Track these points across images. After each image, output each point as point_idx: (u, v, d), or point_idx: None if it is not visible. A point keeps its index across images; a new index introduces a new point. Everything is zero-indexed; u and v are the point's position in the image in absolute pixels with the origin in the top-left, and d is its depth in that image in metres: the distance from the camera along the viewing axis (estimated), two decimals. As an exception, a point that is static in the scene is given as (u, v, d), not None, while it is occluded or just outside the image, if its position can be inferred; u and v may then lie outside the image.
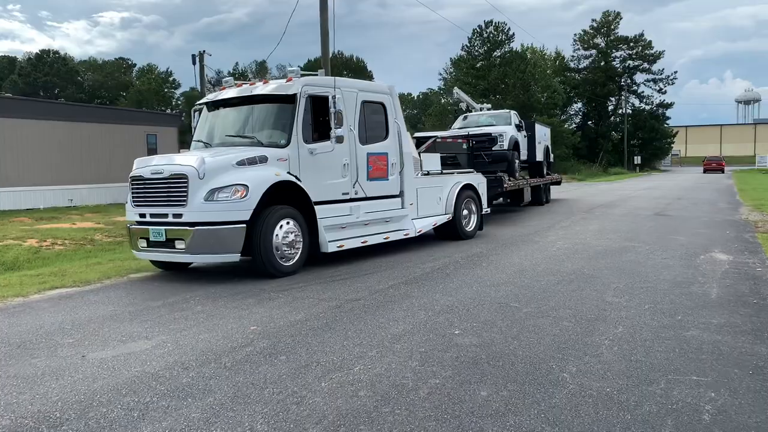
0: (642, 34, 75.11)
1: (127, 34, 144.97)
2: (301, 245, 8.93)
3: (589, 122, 77.04)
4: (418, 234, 11.40)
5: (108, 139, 26.80)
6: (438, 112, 74.36)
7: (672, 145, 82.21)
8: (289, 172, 8.86)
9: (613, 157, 74.37)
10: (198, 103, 10.88)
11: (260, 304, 7.08)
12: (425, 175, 12.01)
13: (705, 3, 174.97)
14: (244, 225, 8.20)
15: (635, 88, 76.28)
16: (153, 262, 9.54)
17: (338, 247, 9.55)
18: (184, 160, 8.58)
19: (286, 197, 8.81)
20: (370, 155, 10.35)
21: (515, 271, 8.81)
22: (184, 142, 24.88)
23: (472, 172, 13.82)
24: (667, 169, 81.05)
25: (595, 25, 75.81)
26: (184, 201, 8.24)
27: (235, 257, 8.44)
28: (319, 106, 9.42)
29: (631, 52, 75.69)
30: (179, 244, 8.29)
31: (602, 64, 76.27)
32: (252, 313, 6.66)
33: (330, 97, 9.23)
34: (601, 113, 77.20)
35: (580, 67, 77.86)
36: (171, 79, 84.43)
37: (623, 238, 12.29)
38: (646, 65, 75.10)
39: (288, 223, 8.73)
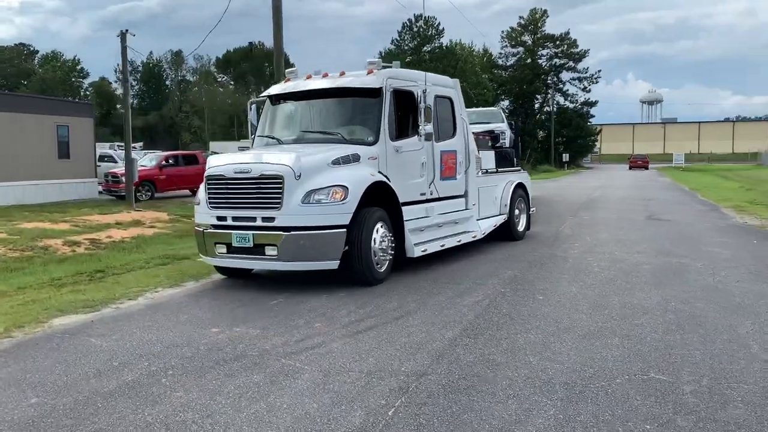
0: (568, 33, 75.89)
1: (28, 20, 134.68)
2: (392, 250, 8.27)
3: (517, 119, 76.98)
4: (483, 236, 10.70)
5: (8, 131, 22.80)
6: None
7: (596, 143, 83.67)
8: (379, 172, 8.20)
9: (540, 154, 74.66)
10: (262, 95, 9.91)
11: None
12: (484, 173, 11.34)
13: (610, 7, 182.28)
14: (345, 230, 7.53)
15: (561, 86, 76.88)
16: (219, 269, 8.75)
17: (422, 251, 8.85)
18: (277, 159, 7.72)
19: (374, 199, 8.00)
20: (443, 153, 9.66)
21: (589, 308, 6.72)
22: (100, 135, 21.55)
23: (519, 170, 13.23)
24: (591, 167, 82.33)
25: (522, 22, 75.79)
26: (278, 203, 7.50)
27: (334, 264, 7.61)
28: (402, 101, 8.76)
29: (557, 51, 76.16)
30: (270, 251, 7.54)
31: (529, 61, 76.37)
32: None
33: (420, 92, 8.72)
34: (528, 111, 77.32)
35: (507, 64, 77.73)
36: (79, 68, 78.22)
37: (654, 250, 10.70)
38: (571, 64, 75.78)
39: (382, 226, 8.04)
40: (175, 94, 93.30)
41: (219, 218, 8.04)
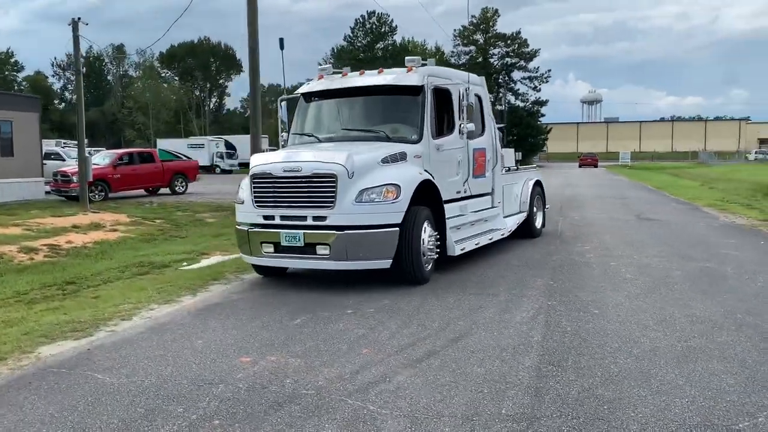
0: (519, 32, 76.39)
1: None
2: (437, 249, 8.21)
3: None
4: (509, 234, 10.72)
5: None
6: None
7: (546, 142, 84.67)
8: (425, 170, 8.17)
9: (492, 153, 74.83)
10: (299, 91, 9.62)
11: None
12: (506, 171, 11.38)
13: (551, 8, 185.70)
14: (398, 228, 7.45)
15: (512, 85, 77.38)
16: (257, 267, 8.55)
17: (461, 250, 8.79)
18: (329, 157, 7.61)
19: (419, 197, 7.85)
20: (475, 151, 9.60)
21: (655, 323, 6.07)
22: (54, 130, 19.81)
23: (535, 167, 14.34)
24: (541, 165, 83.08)
25: (474, 21, 75.89)
26: (331, 202, 7.39)
27: (386, 264, 7.52)
28: (440, 98, 8.77)
29: (508, 50, 76.59)
30: (321, 250, 7.44)
31: (481, 60, 76.55)
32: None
33: (462, 89, 8.77)
34: (480, 109, 77.47)
35: (460, 63, 77.65)
36: (12, 61, 74.08)
37: (670, 253, 10.25)
38: (522, 63, 76.34)
39: (428, 225, 7.99)
40: (117, 90, 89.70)
41: (266, 217, 7.85)
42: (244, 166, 59.30)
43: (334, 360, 5.10)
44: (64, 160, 27.55)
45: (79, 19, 19.66)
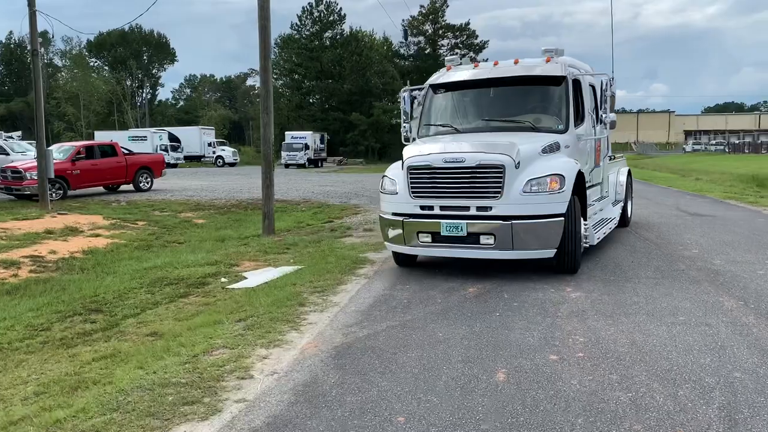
0: (468, 23, 75.53)
1: None
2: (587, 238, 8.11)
3: (419, 110, 75.93)
4: (615, 224, 10.57)
5: None
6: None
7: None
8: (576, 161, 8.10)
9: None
10: (429, 82, 9.44)
11: None
12: (610, 161, 11.16)
13: (481, 2, 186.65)
14: (563, 218, 7.37)
15: (462, 76, 76.48)
16: (395, 254, 8.56)
17: (598, 239, 8.78)
18: (492, 148, 7.55)
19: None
20: (595, 140, 9.53)
21: None
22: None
23: (623, 157, 13.28)
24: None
25: (423, 11, 74.50)
26: (497, 193, 7.34)
27: (551, 253, 7.49)
28: (576, 89, 8.69)
29: (457, 41, 75.66)
30: (486, 239, 7.42)
31: (430, 51, 75.39)
32: None
33: (606, 80, 8.82)
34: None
35: (409, 53, 76.31)
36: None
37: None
38: (472, 54, 75.41)
39: (580, 215, 7.92)
40: (44, 79, 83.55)
41: (423, 207, 7.77)
42: (190, 159, 56.49)
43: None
44: (8, 154, 24.31)
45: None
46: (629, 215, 12.32)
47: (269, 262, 9.91)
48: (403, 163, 8.04)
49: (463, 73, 9.19)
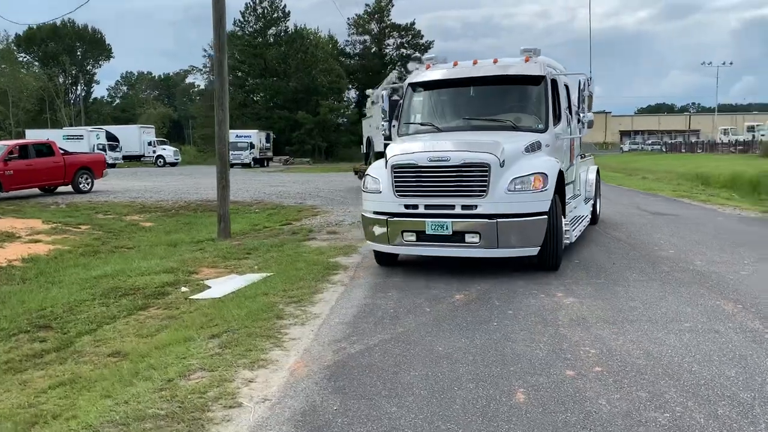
0: (413, 23, 75.48)
1: None
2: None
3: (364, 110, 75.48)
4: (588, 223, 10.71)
5: None
6: (211, 93, 66.48)
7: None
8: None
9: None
10: (412, 80, 9.51)
11: None
12: (581, 158, 11.26)
13: (423, 3, 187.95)
14: (546, 216, 7.40)
15: (408, 76, 76.44)
16: (376, 254, 8.46)
17: (575, 237, 8.94)
18: (477, 147, 7.53)
19: None
20: (570, 139, 9.65)
21: None
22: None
23: (591, 156, 13.30)
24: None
25: (369, 10, 74.12)
26: (483, 191, 7.34)
27: (534, 251, 7.50)
28: (554, 88, 8.74)
29: (402, 41, 75.61)
30: (471, 238, 7.40)
31: (375, 50, 75.10)
32: None
33: (584, 79, 8.90)
34: (375, 100, 76.05)
35: (355, 52, 75.78)
36: None
37: (757, 257, 8.76)
38: (418, 54, 75.48)
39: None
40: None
41: (407, 206, 7.73)
42: (129, 159, 54.42)
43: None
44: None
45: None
46: (598, 213, 12.52)
47: (231, 269, 9.29)
48: (386, 161, 7.97)
49: (443, 71, 9.15)
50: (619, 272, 7.82)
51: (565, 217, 8.19)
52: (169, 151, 54.98)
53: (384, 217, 7.87)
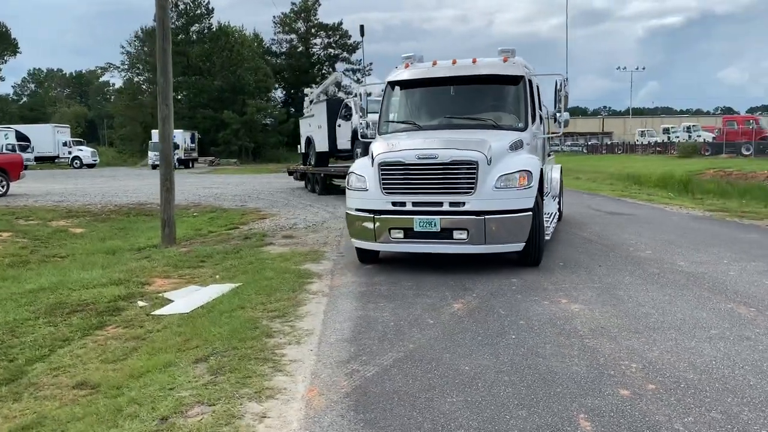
0: (341, 23, 74.80)
1: None
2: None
3: (292, 109, 73.98)
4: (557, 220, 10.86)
5: None
6: (131, 91, 63.44)
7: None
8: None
9: (317, 145, 72.56)
10: (391, 78, 9.38)
11: None
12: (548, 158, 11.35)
13: (344, 5, 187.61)
14: (531, 213, 7.49)
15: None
16: (360, 251, 8.46)
17: (551, 232, 9.17)
18: (464, 144, 7.62)
19: None
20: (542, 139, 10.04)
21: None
22: None
23: (552, 155, 13.28)
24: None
25: (295, 8, 72.87)
26: (471, 188, 7.40)
27: (520, 247, 7.56)
28: (530, 88, 8.85)
29: (330, 41, 74.79)
30: (459, 235, 7.45)
31: (302, 49, 73.94)
32: None
33: (561, 80, 9.05)
34: (302, 101, 74.84)
35: (281, 51, 74.32)
36: None
37: (717, 256, 8.75)
38: (345, 55, 75.05)
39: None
40: None
41: (395, 203, 7.72)
42: (42, 160, 51.06)
43: None
44: None
45: None
46: (561, 210, 12.76)
47: (187, 279, 8.45)
48: (372, 159, 7.95)
49: (423, 71, 9.20)
50: (610, 275, 7.54)
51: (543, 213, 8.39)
52: (86, 152, 52.06)
53: (370, 215, 7.82)
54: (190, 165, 52.37)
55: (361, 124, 9.92)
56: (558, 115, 9.21)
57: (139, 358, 5.14)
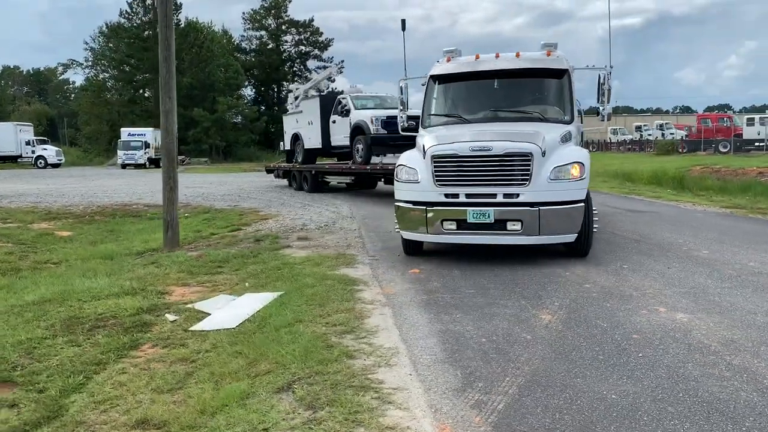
0: (312, 20, 73.55)
1: None
2: None
3: (262, 107, 72.55)
4: None
5: None
6: (96, 89, 61.25)
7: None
8: None
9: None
10: (431, 73, 9.44)
11: None
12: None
13: (309, 4, 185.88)
14: (583, 204, 7.57)
15: (307, 74, 74.52)
16: (406, 243, 8.52)
17: (596, 228, 8.57)
18: (519, 137, 7.65)
19: None
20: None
21: None
22: None
23: None
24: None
25: (266, 5, 71.44)
26: (526, 180, 7.48)
27: (572, 238, 7.62)
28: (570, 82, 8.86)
29: (301, 38, 73.58)
30: (512, 226, 7.51)
31: (272, 46, 72.61)
32: None
33: (605, 74, 9.01)
34: (273, 98, 73.46)
35: (251, 48, 72.87)
36: None
37: None
38: (317, 52, 73.86)
39: None
40: None
41: (448, 195, 7.78)
42: (3, 159, 48.83)
43: None
44: None
45: None
46: None
47: (209, 288, 7.58)
48: (424, 152, 8.00)
49: (467, 64, 9.29)
50: (687, 278, 6.93)
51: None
52: (50, 152, 49.99)
53: (423, 207, 7.89)
54: (161, 164, 50.76)
55: (401, 117, 10.09)
56: (601, 108, 9.17)
57: (201, 387, 4.29)
